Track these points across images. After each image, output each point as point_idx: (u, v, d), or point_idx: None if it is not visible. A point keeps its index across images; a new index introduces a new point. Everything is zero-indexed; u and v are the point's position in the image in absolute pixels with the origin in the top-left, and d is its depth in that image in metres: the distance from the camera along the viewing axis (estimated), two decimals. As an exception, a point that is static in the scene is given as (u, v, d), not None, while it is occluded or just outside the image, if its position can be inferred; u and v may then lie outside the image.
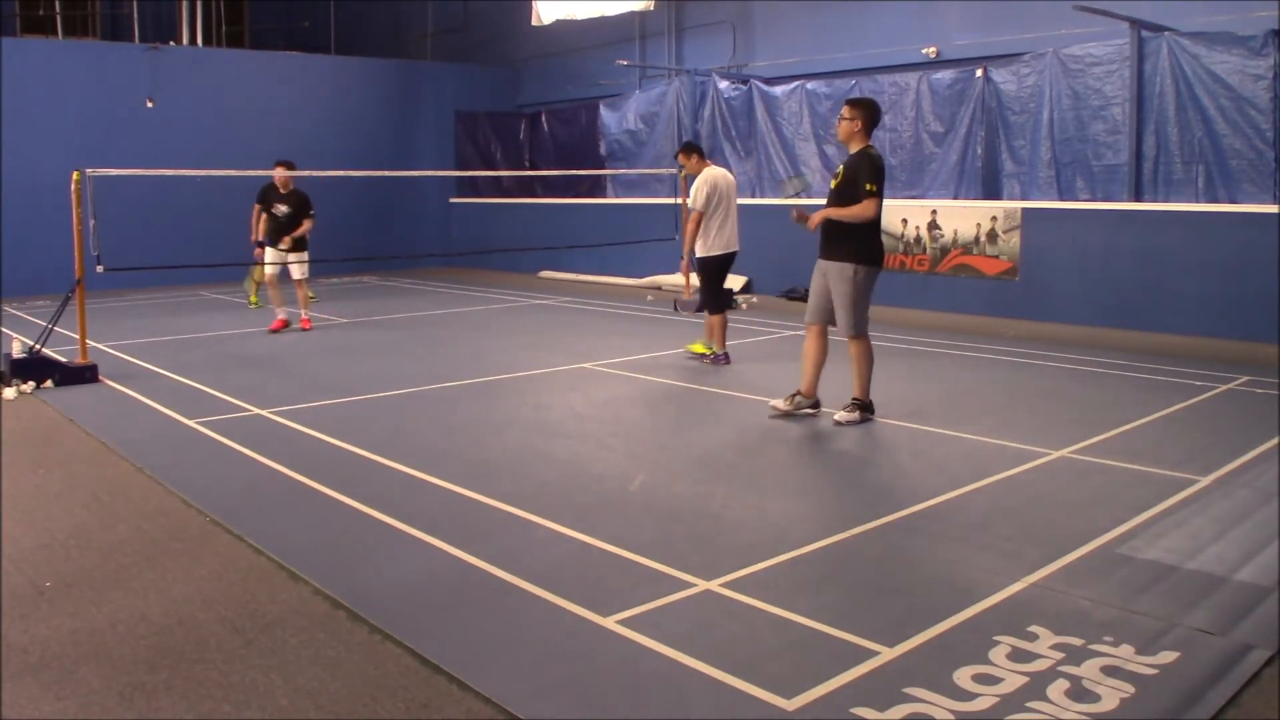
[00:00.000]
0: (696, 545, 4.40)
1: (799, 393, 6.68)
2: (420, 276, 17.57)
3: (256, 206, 11.19)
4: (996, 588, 3.86)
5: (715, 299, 8.60)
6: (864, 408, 6.55)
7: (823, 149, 14.18)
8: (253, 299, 13.29)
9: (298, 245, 10.57)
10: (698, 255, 8.51)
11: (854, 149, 6.44)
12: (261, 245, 11.11)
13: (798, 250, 13.60)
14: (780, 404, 6.69)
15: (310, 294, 13.34)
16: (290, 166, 10.76)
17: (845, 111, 6.46)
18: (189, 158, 14.74)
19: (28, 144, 14.64)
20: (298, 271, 10.72)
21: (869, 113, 6.42)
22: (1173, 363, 8.72)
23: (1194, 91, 10.63)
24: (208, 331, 10.82)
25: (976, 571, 4.04)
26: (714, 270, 8.55)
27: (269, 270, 10.83)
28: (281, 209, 10.60)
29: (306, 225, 10.56)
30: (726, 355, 8.62)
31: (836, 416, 6.53)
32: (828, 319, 6.58)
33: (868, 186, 6.21)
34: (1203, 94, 10.56)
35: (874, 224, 6.42)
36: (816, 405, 6.71)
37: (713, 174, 8.58)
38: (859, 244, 6.37)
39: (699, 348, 8.79)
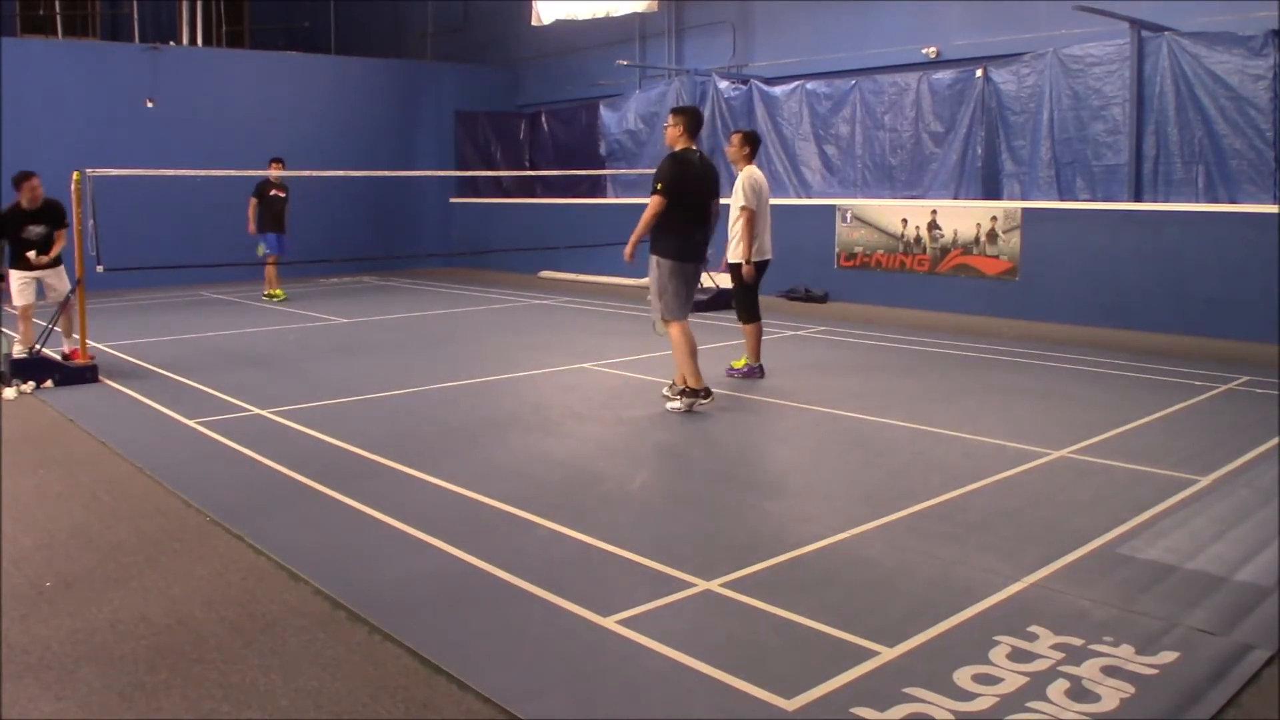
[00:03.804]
0: (696, 545, 4.40)
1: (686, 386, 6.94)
2: (420, 276, 17.57)
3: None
4: (996, 588, 3.86)
5: (752, 307, 8.09)
6: (688, 393, 6.88)
7: (823, 149, 14.18)
8: (277, 293, 13.55)
9: (55, 260, 8.45)
10: (731, 260, 7.98)
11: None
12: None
13: (797, 250, 13.64)
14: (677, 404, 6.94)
15: (279, 293, 13.43)
16: (28, 178, 8.24)
17: (668, 119, 6.99)
18: (189, 158, 14.74)
19: (28, 144, 14.61)
20: (63, 289, 8.48)
21: (689, 118, 6.88)
22: (1173, 363, 8.72)
23: (1194, 91, 10.63)
24: (208, 331, 10.82)
25: (976, 571, 4.04)
26: (750, 276, 8.02)
27: (20, 302, 8.35)
28: (35, 230, 8.27)
29: (61, 241, 8.43)
30: (761, 368, 8.15)
31: (669, 405, 6.94)
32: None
33: (657, 185, 6.73)
34: (1203, 94, 10.56)
35: (674, 222, 6.74)
36: (708, 394, 6.95)
37: (756, 174, 7.95)
38: (661, 242, 6.82)
39: (742, 363, 8.18)
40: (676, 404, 6.89)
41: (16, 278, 8.32)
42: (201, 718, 2.99)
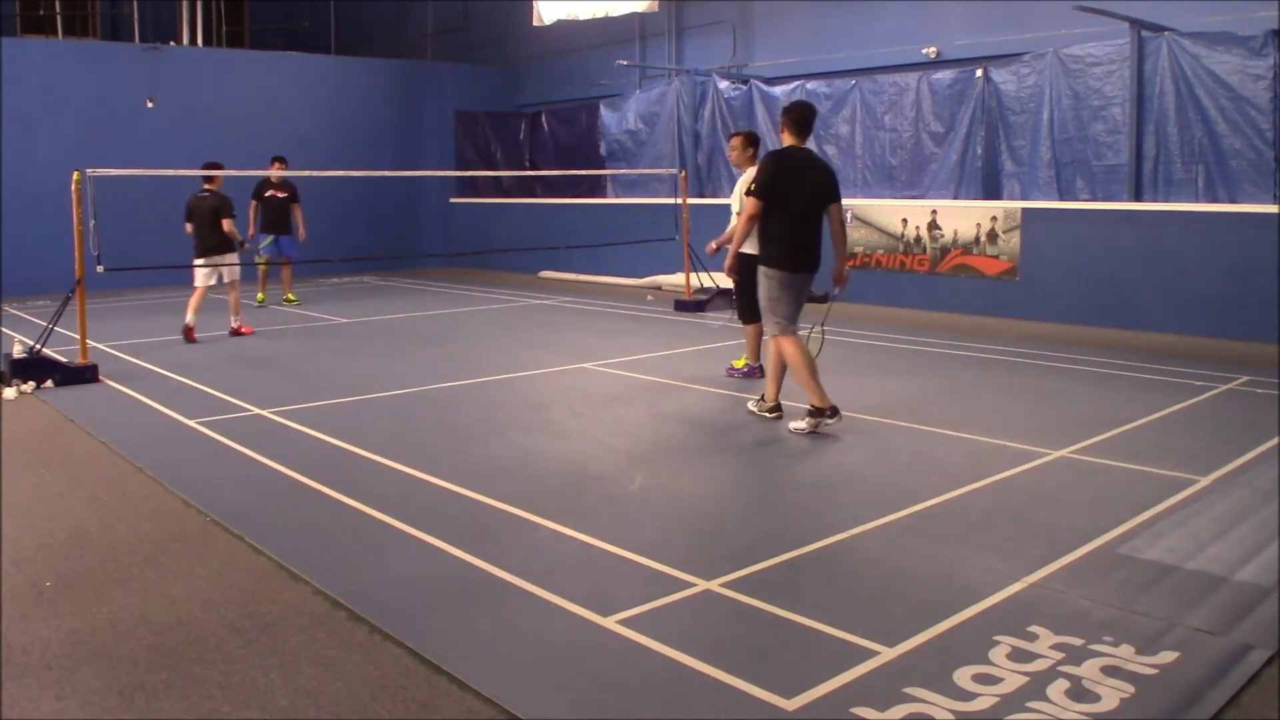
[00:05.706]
0: (696, 545, 4.40)
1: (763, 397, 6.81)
2: (420, 276, 17.58)
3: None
4: (996, 588, 3.86)
5: (753, 308, 7.80)
6: (814, 412, 6.35)
7: (822, 149, 14.16)
8: (261, 296, 13.50)
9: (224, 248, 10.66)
10: (746, 253, 7.60)
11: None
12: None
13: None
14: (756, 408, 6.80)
15: (262, 296, 13.43)
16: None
17: (780, 119, 6.66)
18: (189, 158, 14.69)
19: (28, 144, 14.64)
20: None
21: (791, 117, 6.52)
22: (1173, 363, 8.72)
23: (1194, 91, 10.62)
24: (208, 331, 10.81)
25: (976, 571, 4.04)
26: (753, 274, 7.68)
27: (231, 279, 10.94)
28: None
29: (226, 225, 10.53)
30: (761, 368, 8.06)
31: (791, 425, 6.43)
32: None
33: (751, 186, 6.45)
34: (1203, 94, 10.56)
35: (781, 228, 6.46)
36: (835, 412, 6.40)
37: None
38: (766, 249, 6.57)
39: (742, 363, 8.20)
40: (801, 424, 6.35)
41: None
42: (201, 718, 2.99)
